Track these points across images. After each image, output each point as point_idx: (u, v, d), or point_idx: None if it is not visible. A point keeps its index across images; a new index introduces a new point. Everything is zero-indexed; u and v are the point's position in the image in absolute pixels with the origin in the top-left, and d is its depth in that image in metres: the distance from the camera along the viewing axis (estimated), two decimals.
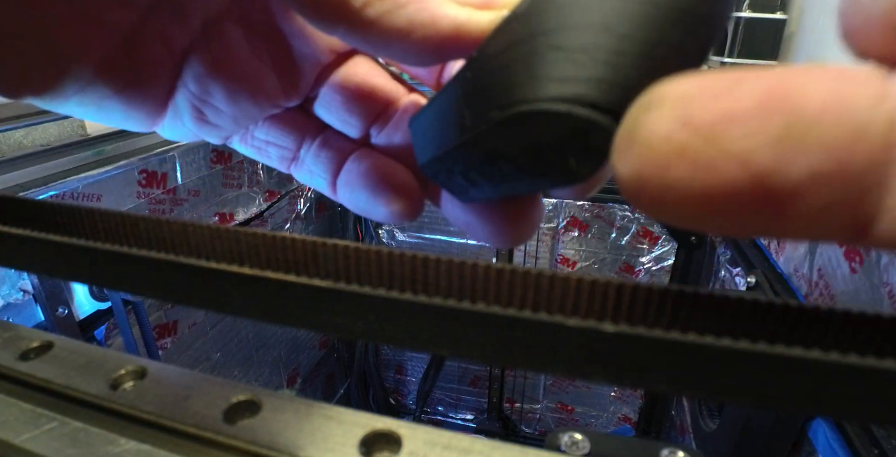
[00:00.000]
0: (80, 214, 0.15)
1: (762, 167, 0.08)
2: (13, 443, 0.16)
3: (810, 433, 0.71)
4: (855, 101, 0.07)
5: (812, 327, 0.09)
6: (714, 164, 0.08)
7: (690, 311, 0.10)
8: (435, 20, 0.14)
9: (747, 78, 0.08)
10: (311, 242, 0.12)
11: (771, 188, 0.08)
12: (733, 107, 0.08)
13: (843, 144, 0.07)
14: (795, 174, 0.08)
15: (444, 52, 0.15)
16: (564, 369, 0.11)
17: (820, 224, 0.08)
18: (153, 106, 0.20)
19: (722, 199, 0.08)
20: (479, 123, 0.13)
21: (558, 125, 0.11)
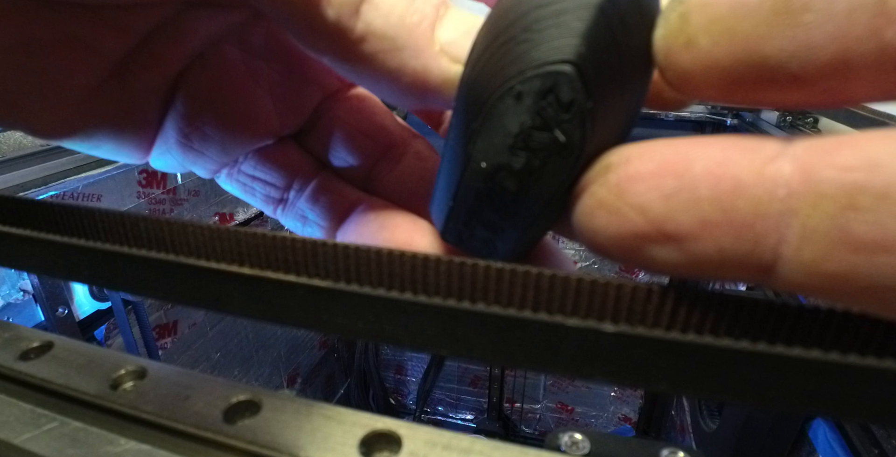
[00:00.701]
0: (80, 214, 0.15)
1: (657, 215, 0.10)
2: (13, 443, 0.16)
3: (810, 433, 0.71)
4: (737, 165, 0.09)
5: (812, 327, 0.09)
6: (622, 213, 0.10)
7: (690, 311, 0.10)
8: (426, 69, 0.15)
9: (656, 146, 0.10)
10: (311, 242, 0.12)
11: (667, 232, 0.10)
12: (638, 169, 0.10)
13: (725, 198, 0.09)
14: (685, 221, 0.09)
15: (427, 99, 0.15)
16: (564, 369, 0.11)
17: (723, 265, 0.09)
18: (144, 133, 0.19)
19: (632, 239, 0.10)
20: (467, 142, 0.13)
21: (526, 94, 0.12)
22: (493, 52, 0.12)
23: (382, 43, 0.14)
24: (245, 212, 1.24)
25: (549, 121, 0.12)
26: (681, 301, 0.10)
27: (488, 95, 0.12)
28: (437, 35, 0.15)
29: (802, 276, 0.09)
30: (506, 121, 0.12)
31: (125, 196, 0.90)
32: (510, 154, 0.13)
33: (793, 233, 0.09)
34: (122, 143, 0.19)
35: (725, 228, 0.09)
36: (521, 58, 0.12)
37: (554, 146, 0.12)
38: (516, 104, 0.12)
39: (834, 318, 0.09)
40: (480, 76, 0.13)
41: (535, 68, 0.12)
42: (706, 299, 0.10)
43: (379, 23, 0.14)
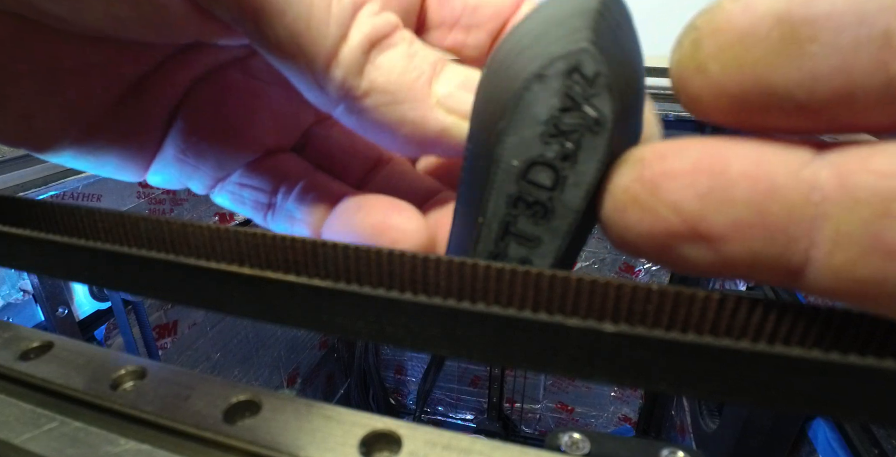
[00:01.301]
0: (80, 214, 0.15)
1: (691, 214, 0.10)
2: (13, 443, 0.16)
3: (810, 433, 0.71)
4: (773, 167, 0.09)
5: (812, 327, 0.09)
6: (656, 210, 0.10)
7: (690, 311, 0.10)
8: (425, 122, 0.16)
9: (691, 144, 0.10)
10: (311, 242, 0.12)
11: (700, 232, 0.10)
12: (673, 167, 0.10)
13: (760, 200, 0.09)
14: (719, 221, 0.09)
15: (425, 147, 0.17)
16: (564, 369, 0.11)
17: (754, 267, 0.10)
18: (146, 152, 0.20)
19: (664, 237, 0.10)
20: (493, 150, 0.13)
21: (553, 79, 0.12)
22: (508, 65, 0.13)
23: (384, 97, 0.15)
24: None
25: (578, 98, 0.12)
26: (681, 301, 0.10)
27: (511, 92, 0.13)
28: (433, 89, 0.16)
29: (832, 280, 0.09)
30: (535, 109, 0.12)
31: (125, 196, 0.90)
32: (542, 144, 0.13)
33: (825, 237, 0.09)
34: (124, 161, 0.20)
35: (758, 230, 0.09)
36: (538, 56, 0.12)
37: (586, 123, 0.12)
38: (543, 89, 0.12)
39: (834, 318, 0.09)
40: (498, 86, 0.13)
41: (557, 54, 0.12)
42: (705, 299, 0.10)
43: (381, 80, 0.15)
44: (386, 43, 0.15)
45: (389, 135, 0.16)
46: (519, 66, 0.13)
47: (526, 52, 0.13)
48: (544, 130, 0.13)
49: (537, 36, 0.13)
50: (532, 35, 0.13)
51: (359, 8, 0.15)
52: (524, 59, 0.13)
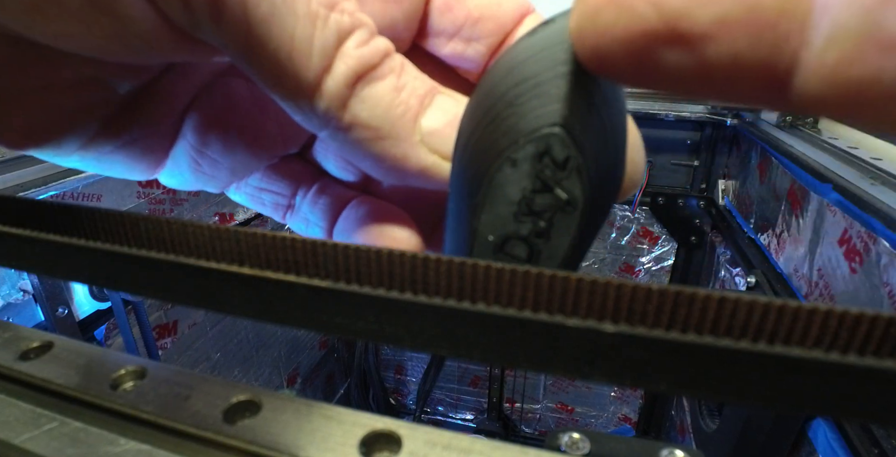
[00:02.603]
0: (80, 214, 0.15)
1: (672, 10, 0.09)
2: (13, 443, 0.16)
3: (810, 433, 0.71)
4: None
5: (812, 327, 0.09)
6: (633, 7, 0.09)
7: (690, 311, 0.10)
8: (406, 158, 0.16)
9: None
10: (311, 242, 0.12)
11: (681, 31, 0.09)
12: None
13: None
14: (703, 18, 0.09)
15: (406, 180, 0.17)
16: (564, 369, 0.11)
17: (736, 73, 0.09)
18: (154, 158, 0.20)
19: (641, 40, 0.09)
20: (470, 221, 0.14)
21: (523, 162, 0.12)
22: (482, 130, 0.13)
23: (367, 132, 0.15)
24: (245, 212, 1.24)
25: (549, 181, 0.13)
26: (681, 301, 0.10)
27: (485, 169, 0.13)
28: (419, 125, 0.16)
29: (822, 84, 0.08)
30: (507, 190, 0.13)
31: (125, 196, 0.90)
32: (516, 222, 0.13)
33: (819, 34, 0.08)
34: (132, 166, 0.20)
35: (745, 27, 0.08)
36: (511, 130, 0.12)
37: (557, 204, 0.13)
38: (514, 172, 0.13)
39: (834, 318, 0.09)
40: (474, 154, 0.13)
41: (527, 135, 0.12)
42: (706, 299, 0.10)
43: (365, 115, 0.15)
44: (372, 75, 0.15)
45: (370, 165, 0.16)
46: (491, 139, 0.13)
47: (499, 122, 0.13)
48: (517, 209, 0.13)
49: (510, 101, 0.12)
50: (506, 98, 0.13)
51: (344, 38, 0.14)
52: (498, 130, 0.13)
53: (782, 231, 0.92)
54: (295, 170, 0.22)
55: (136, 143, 0.19)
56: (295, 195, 0.22)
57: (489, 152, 0.13)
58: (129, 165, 0.20)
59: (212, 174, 0.21)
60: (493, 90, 0.13)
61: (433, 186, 0.17)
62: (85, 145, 0.18)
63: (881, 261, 0.62)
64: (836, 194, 0.74)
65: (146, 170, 0.20)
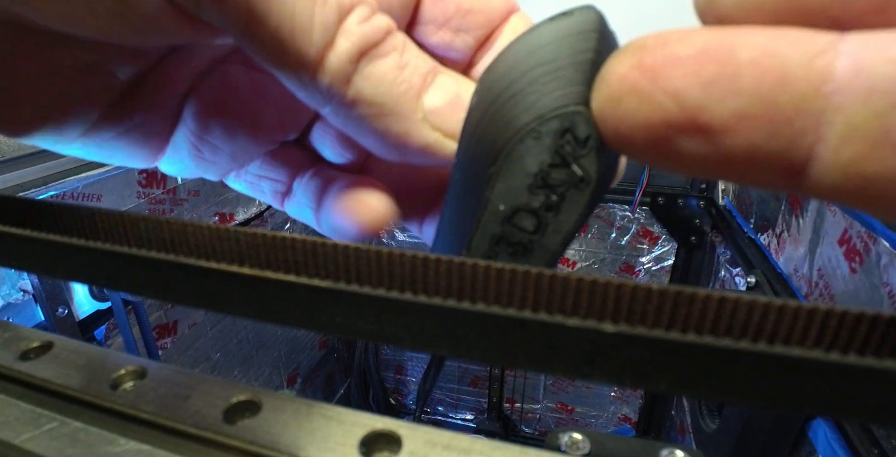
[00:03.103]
0: (80, 214, 0.15)
1: (693, 103, 0.09)
2: (13, 443, 0.16)
3: (810, 433, 0.71)
4: (785, 56, 0.09)
5: (812, 327, 0.09)
6: (654, 98, 0.10)
7: (690, 311, 0.10)
8: (408, 135, 0.16)
9: (695, 32, 0.10)
10: (311, 242, 0.12)
11: (701, 123, 0.09)
12: (676, 53, 0.09)
13: (767, 90, 0.09)
14: (722, 112, 0.09)
15: (407, 157, 0.17)
16: (564, 369, 0.11)
17: (752, 163, 0.09)
18: (155, 145, 0.20)
19: (661, 129, 0.10)
20: (482, 191, 0.14)
21: (546, 136, 0.13)
22: (500, 105, 0.13)
23: (370, 109, 0.15)
24: (245, 212, 1.24)
25: (567, 157, 0.13)
26: (681, 301, 0.10)
27: (505, 141, 0.13)
28: (421, 103, 0.16)
29: (837, 178, 0.09)
30: (526, 161, 0.13)
31: (125, 196, 0.90)
32: (529, 194, 0.14)
33: (833, 131, 0.08)
34: (133, 153, 0.20)
35: (762, 122, 0.09)
36: (533, 106, 0.13)
37: (572, 180, 0.13)
38: (536, 144, 0.13)
39: (834, 318, 0.09)
40: (491, 126, 0.14)
41: (552, 111, 0.13)
42: (706, 299, 0.10)
43: (368, 91, 0.15)
44: (375, 52, 0.15)
45: (373, 142, 0.16)
46: (512, 113, 0.13)
47: (521, 98, 0.13)
48: (532, 181, 0.13)
49: (532, 80, 0.13)
50: (528, 77, 0.13)
51: (346, 14, 0.15)
52: (519, 105, 0.13)
53: (782, 231, 0.92)
54: (293, 157, 0.22)
55: (137, 129, 0.19)
56: (293, 182, 0.22)
57: (510, 126, 0.13)
58: (131, 151, 0.20)
59: (212, 160, 0.21)
60: (514, 68, 0.13)
61: (434, 163, 0.17)
62: (87, 132, 0.18)
63: (881, 261, 0.62)
64: None
65: (147, 157, 0.20)
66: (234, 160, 0.22)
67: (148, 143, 0.20)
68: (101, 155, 0.20)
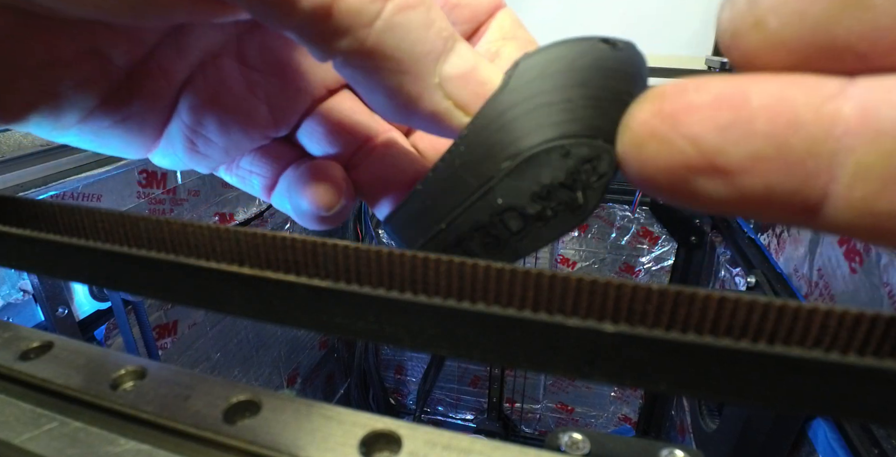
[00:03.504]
0: (80, 214, 0.15)
1: (709, 147, 0.10)
2: (13, 443, 0.16)
3: (810, 433, 0.71)
4: (795, 101, 0.09)
5: (812, 327, 0.09)
6: (674, 142, 0.10)
7: (690, 310, 0.10)
8: (420, 99, 0.15)
9: (713, 80, 0.10)
10: (311, 242, 0.12)
11: (718, 165, 0.10)
12: (693, 101, 0.10)
13: (780, 134, 0.09)
14: (738, 155, 0.10)
15: (412, 120, 0.16)
16: (564, 369, 0.11)
17: (769, 202, 0.10)
18: (149, 135, 0.21)
19: (681, 171, 0.10)
20: (488, 179, 0.14)
21: (572, 158, 0.13)
22: (542, 105, 0.14)
23: (388, 63, 0.15)
24: (245, 212, 1.24)
25: (579, 183, 0.14)
26: (681, 301, 0.10)
27: (531, 144, 0.14)
28: (439, 68, 0.15)
29: (851, 215, 0.09)
30: (542, 171, 0.14)
31: (125, 196, 0.90)
32: (530, 200, 0.14)
33: (845, 172, 0.09)
34: (128, 142, 0.20)
35: (776, 164, 0.09)
36: (579, 121, 0.13)
37: (572, 205, 0.14)
38: (560, 161, 0.13)
39: (834, 318, 0.09)
40: (524, 122, 0.14)
41: (590, 138, 0.13)
42: (706, 299, 0.10)
43: (391, 43, 0.14)
44: (406, 1, 0.14)
45: (381, 98, 0.16)
46: (551, 121, 0.13)
47: (558, 107, 0.13)
48: (538, 190, 0.14)
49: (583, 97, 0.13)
50: (581, 92, 0.13)
51: None
52: (554, 112, 0.13)
53: (782, 231, 0.92)
54: (283, 154, 0.23)
55: (132, 119, 0.19)
56: (279, 176, 0.23)
57: (543, 130, 0.13)
58: (126, 141, 0.20)
59: (205, 153, 0.21)
60: (584, 72, 0.14)
61: (437, 132, 0.16)
62: (83, 120, 0.18)
63: (881, 261, 0.62)
64: None
65: (141, 147, 0.21)
66: (227, 154, 0.22)
67: (143, 133, 0.20)
68: (97, 144, 0.20)
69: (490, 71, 0.16)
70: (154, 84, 0.19)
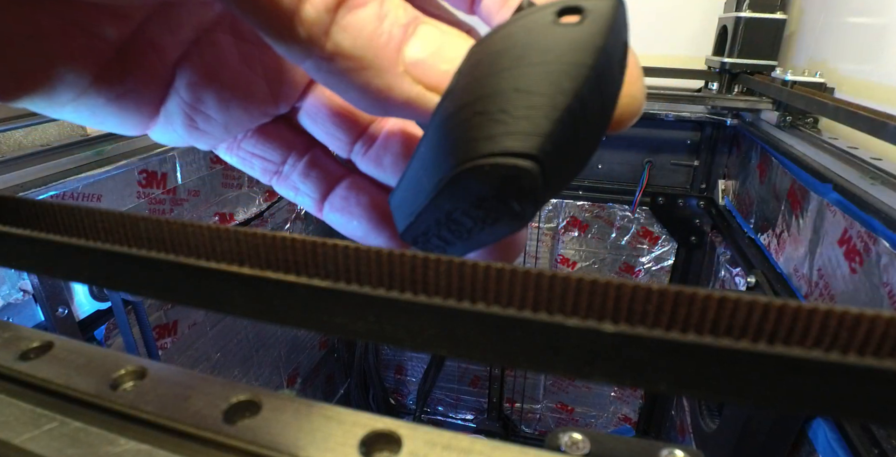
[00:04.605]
0: (80, 214, 0.15)
1: None
2: (13, 443, 0.16)
3: (810, 433, 0.71)
4: None
5: (812, 327, 0.09)
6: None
7: (690, 311, 0.10)
8: (389, 89, 0.15)
9: None
10: (311, 242, 0.12)
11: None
12: None
13: None
14: None
15: (390, 113, 0.16)
16: (564, 369, 0.11)
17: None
18: (146, 113, 0.20)
19: None
20: (434, 186, 0.15)
21: (493, 176, 0.13)
22: (480, 112, 0.13)
23: (350, 62, 0.15)
24: (245, 212, 1.24)
25: (510, 197, 0.14)
26: (681, 301, 0.10)
27: (461, 159, 0.13)
28: (403, 55, 0.15)
29: None
30: (471, 186, 0.14)
31: (125, 196, 0.90)
32: (471, 207, 0.14)
33: None
34: (124, 119, 0.20)
35: None
36: (509, 136, 0.13)
37: (509, 213, 0.14)
38: (484, 179, 0.13)
39: (834, 318, 0.09)
40: (463, 131, 0.14)
41: (514, 156, 0.13)
42: (706, 299, 0.10)
43: (347, 44, 0.15)
44: (353, 2, 0.15)
45: (354, 98, 0.16)
46: (478, 131, 0.13)
47: (491, 117, 0.13)
48: (476, 201, 0.14)
49: (510, 91, 0.13)
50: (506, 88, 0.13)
51: None
52: (486, 124, 0.13)
53: (782, 231, 0.92)
54: (285, 137, 0.23)
55: (128, 95, 0.19)
56: (284, 162, 0.23)
57: (472, 145, 0.13)
58: (123, 118, 0.20)
59: (204, 129, 0.21)
60: (519, 78, 0.13)
61: (417, 117, 0.16)
62: (79, 96, 0.18)
63: (881, 261, 0.62)
64: (836, 194, 0.74)
65: (138, 124, 0.21)
66: (227, 131, 0.22)
67: (139, 110, 0.20)
68: (94, 121, 0.20)
69: (459, 47, 0.16)
70: (147, 60, 0.19)
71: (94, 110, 0.19)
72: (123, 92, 0.19)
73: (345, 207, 0.22)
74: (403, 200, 0.18)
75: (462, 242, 0.16)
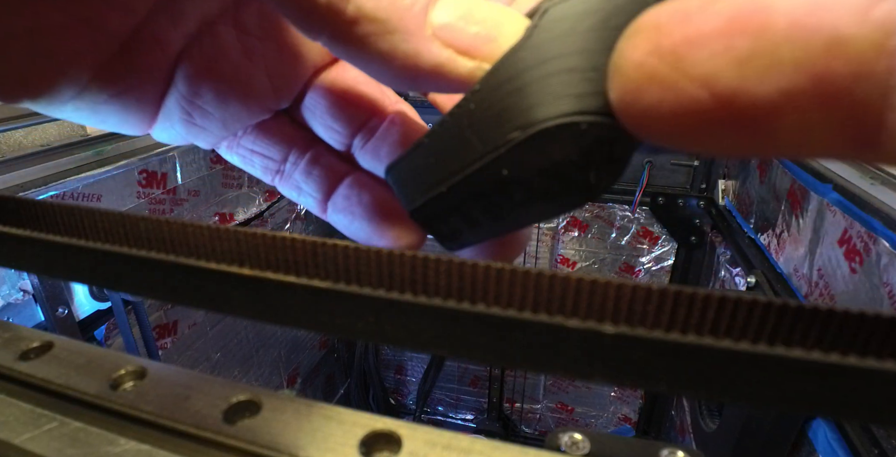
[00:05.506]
0: (80, 214, 0.15)
1: (726, 87, 0.08)
2: (13, 443, 0.16)
3: (810, 433, 0.71)
4: (832, 11, 0.07)
5: (812, 328, 0.09)
6: (679, 87, 0.08)
7: (690, 311, 0.10)
8: (417, 54, 0.14)
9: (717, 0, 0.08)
10: (311, 242, 0.12)
11: (739, 108, 0.08)
12: (701, 29, 0.08)
13: (818, 58, 0.07)
14: (764, 92, 0.07)
15: (418, 83, 0.15)
16: (564, 369, 0.11)
17: (810, 141, 0.08)
18: (148, 110, 0.20)
19: (692, 119, 0.08)
20: (495, 147, 0.13)
21: (586, 137, 0.12)
22: (569, 69, 0.12)
23: (373, 26, 0.14)
24: (245, 212, 1.24)
25: (593, 164, 0.12)
26: (681, 301, 0.10)
27: (545, 116, 0.12)
28: (430, 18, 0.14)
29: None
30: (553, 148, 0.12)
31: (125, 196, 0.90)
32: (537, 175, 0.13)
33: None
34: (125, 118, 0.20)
35: (815, 97, 0.07)
36: (603, 95, 0.11)
37: (582, 185, 0.12)
38: (574, 138, 0.12)
39: (834, 318, 0.09)
40: (544, 87, 0.12)
41: (611, 117, 0.11)
42: (706, 299, 0.10)
43: (370, 6, 0.14)
44: None
45: (379, 67, 0.15)
46: (566, 88, 0.12)
47: (582, 75, 0.12)
48: (547, 167, 0.12)
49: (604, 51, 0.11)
50: (599, 49, 0.11)
51: None
52: (576, 81, 0.12)
53: (782, 231, 0.92)
54: (286, 134, 0.22)
55: (129, 92, 0.19)
56: (285, 161, 0.23)
57: (556, 103, 0.12)
58: (124, 116, 0.20)
59: (203, 126, 0.21)
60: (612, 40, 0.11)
61: (447, 88, 0.15)
62: (79, 94, 0.18)
63: (881, 261, 0.62)
64: (836, 194, 0.74)
65: (140, 122, 0.20)
66: (226, 127, 0.21)
67: (140, 107, 0.20)
68: (95, 119, 0.19)
69: (489, 10, 0.15)
70: (149, 55, 0.19)
71: (95, 108, 0.19)
72: (125, 88, 0.19)
73: (347, 206, 0.22)
74: (423, 169, 0.16)
75: (493, 223, 0.15)
